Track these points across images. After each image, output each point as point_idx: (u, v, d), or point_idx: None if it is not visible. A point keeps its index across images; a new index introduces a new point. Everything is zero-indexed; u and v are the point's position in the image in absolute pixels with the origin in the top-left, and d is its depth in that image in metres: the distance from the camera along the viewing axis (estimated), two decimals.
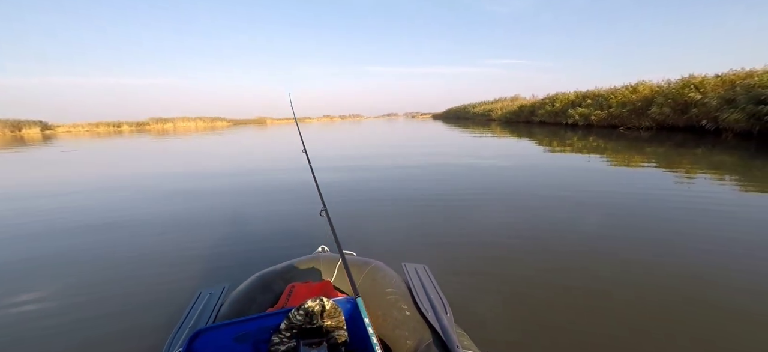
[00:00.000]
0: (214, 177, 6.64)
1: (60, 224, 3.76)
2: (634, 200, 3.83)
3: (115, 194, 5.26)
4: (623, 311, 1.80)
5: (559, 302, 1.90)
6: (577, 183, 4.87)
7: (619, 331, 1.64)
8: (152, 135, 28.70)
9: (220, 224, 3.56)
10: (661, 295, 1.93)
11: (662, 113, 12.57)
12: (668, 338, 1.58)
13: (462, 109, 51.00)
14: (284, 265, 1.43)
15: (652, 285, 2.04)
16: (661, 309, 1.80)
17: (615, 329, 1.66)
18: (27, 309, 2.04)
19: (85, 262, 2.72)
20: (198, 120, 70.90)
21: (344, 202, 4.26)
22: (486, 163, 6.90)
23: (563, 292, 2.01)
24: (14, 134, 43.44)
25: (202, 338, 0.88)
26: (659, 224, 3.06)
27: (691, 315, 1.75)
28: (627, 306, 1.84)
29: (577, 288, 2.04)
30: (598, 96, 17.00)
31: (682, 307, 1.82)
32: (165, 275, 2.44)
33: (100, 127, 57.91)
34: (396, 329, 1.11)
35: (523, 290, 2.04)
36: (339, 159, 8.53)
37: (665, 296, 1.91)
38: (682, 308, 1.81)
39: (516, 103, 30.67)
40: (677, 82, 12.74)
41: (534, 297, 1.96)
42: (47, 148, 16.54)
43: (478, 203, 4.02)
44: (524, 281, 2.15)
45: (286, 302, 1.16)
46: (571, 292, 2.01)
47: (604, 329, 1.66)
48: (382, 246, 2.82)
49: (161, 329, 1.69)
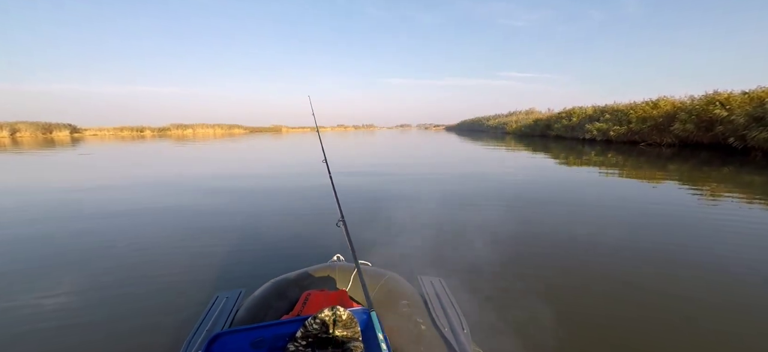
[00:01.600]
0: (232, 182, 6.78)
1: (80, 226, 3.90)
2: (660, 218, 3.70)
3: (136, 197, 5.43)
4: (646, 333, 1.72)
5: (580, 321, 1.84)
6: (598, 200, 4.74)
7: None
8: (173, 140, 29.65)
9: (237, 228, 3.62)
10: (689, 317, 1.84)
11: (686, 130, 12.17)
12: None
13: (476, 121, 50.83)
14: (300, 272, 1.43)
15: (680, 308, 1.95)
16: (688, 330, 1.71)
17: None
18: (46, 310, 2.09)
19: (105, 264, 2.79)
20: (216, 127, 73.01)
21: (359, 211, 4.28)
22: (502, 177, 6.81)
23: (584, 311, 1.94)
24: (45, 136, 45.81)
25: (220, 342, 0.89)
26: (688, 244, 2.94)
27: (721, 342, 1.65)
28: (650, 328, 1.76)
29: (599, 308, 1.97)
30: (617, 111, 16.64)
31: (710, 333, 1.73)
32: (183, 277, 2.49)
33: (124, 131, 60.41)
34: (411, 344, 1.09)
35: (543, 309, 1.97)
36: (354, 168, 8.59)
37: (692, 320, 1.83)
38: (710, 334, 1.71)
39: (531, 116, 30.35)
40: (701, 99, 12.36)
41: (554, 317, 1.90)
42: (73, 151, 17.31)
43: (495, 217, 3.95)
44: (544, 299, 2.08)
45: (301, 310, 1.16)
46: (592, 311, 1.94)
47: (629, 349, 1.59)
48: (396, 257, 2.79)
49: (179, 330, 1.72)
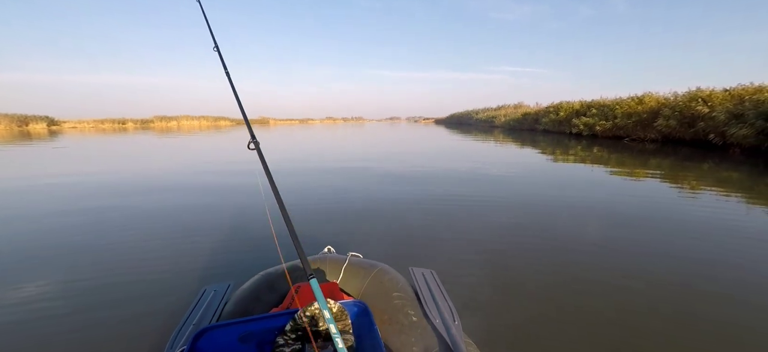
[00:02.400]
0: (220, 174, 6.65)
1: (63, 220, 3.76)
2: (641, 210, 3.80)
3: (119, 190, 5.27)
4: (633, 321, 1.76)
5: (568, 311, 1.87)
6: (585, 191, 4.84)
7: (632, 342, 1.61)
8: (156, 132, 28.88)
9: (225, 220, 3.55)
10: (668, 306, 1.90)
11: (668, 126, 12.51)
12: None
13: (465, 115, 51.10)
14: (290, 264, 1.41)
15: (660, 297, 2.01)
16: (666, 320, 1.77)
17: (625, 339, 1.62)
18: (28, 305, 2.01)
19: (88, 256, 2.70)
20: (202, 119, 71.25)
21: (349, 202, 4.25)
22: (491, 170, 6.88)
23: (573, 301, 1.98)
24: (21, 129, 43.88)
25: (207, 337, 0.87)
26: (666, 236, 3.03)
27: (694, 331, 1.71)
28: (637, 316, 1.81)
29: (588, 298, 2.01)
30: (603, 106, 16.96)
31: (683, 320, 1.78)
32: (170, 271, 2.42)
33: (106, 124, 58.26)
34: (402, 335, 1.09)
35: (533, 299, 2.00)
36: (343, 161, 8.53)
37: (670, 308, 1.88)
38: (684, 321, 1.77)
39: (520, 110, 30.67)
40: (684, 95, 12.70)
41: (545, 307, 1.93)
42: (50, 143, 16.67)
43: (485, 208, 3.99)
44: (534, 289, 2.11)
45: (291, 303, 1.14)
46: (581, 301, 1.97)
47: (614, 340, 1.63)
48: (387, 249, 2.79)
49: (165, 325, 1.67)
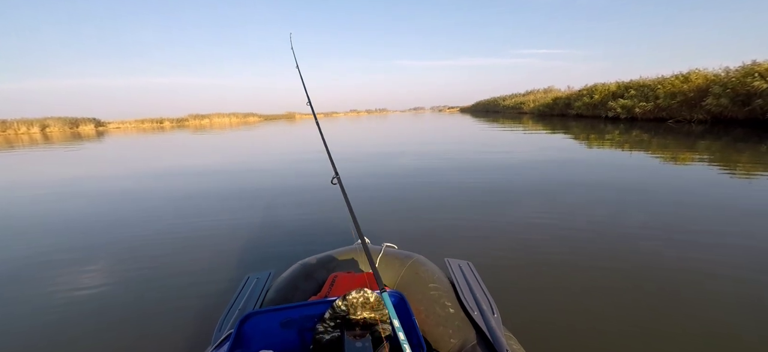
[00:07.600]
0: (257, 169, 6.90)
1: (116, 211, 4.07)
2: (697, 197, 3.52)
3: (163, 185, 5.61)
4: (687, 319, 1.65)
5: (613, 306, 1.78)
6: (628, 180, 4.55)
7: (685, 339, 1.51)
8: (191, 130, 30.39)
9: (265, 212, 3.70)
10: (731, 306, 1.76)
11: (719, 104, 11.44)
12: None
13: (492, 102, 49.49)
14: (326, 254, 1.44)
15: (723, 296, 1.86)
16: (728, 319, 1.64)
17: (678, 336, 1.52)
18: (82, 294, 2.18)
19: (137, 250, 2.90)
20: (232, 116, 74.24)
21: (384, 193, 4.27)
22: (524, 157, 6.64)
23: (617, 296, 1.87)
24: (72, 130, 47.94)
25: (251, 322, 0.91)
26: (727, 227, 2.80)
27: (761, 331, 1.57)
28: (690, 314, 1.69)
29: (633, 294, 1.89)
30: (643, 86, 15.77)
31: (748, 322, 1.64)
32: (215, 260, 2.58)
33: (145, 123, 62.35)
34: (439, 327, 1.08)
35: (576, 293, 1.92)
36: (374, 153, 8.58)
37: (733, 308, 1.74)
38: (749, 323, 1.63)
39: (550, 95, 29.29)
40: (738, 70, 11.52)
41: (588, 301, 1.84)
42: (100, 144, 18.02)
43: (522, 198, 3.85)
44: (577, 283, 2.02)
45: (328, 291, 1.17)
46: (625, 296, 1.87)
47: (666, 337, 1.53)
48: (422, 240, 2.77)
49: (213, 310, 1.78)
